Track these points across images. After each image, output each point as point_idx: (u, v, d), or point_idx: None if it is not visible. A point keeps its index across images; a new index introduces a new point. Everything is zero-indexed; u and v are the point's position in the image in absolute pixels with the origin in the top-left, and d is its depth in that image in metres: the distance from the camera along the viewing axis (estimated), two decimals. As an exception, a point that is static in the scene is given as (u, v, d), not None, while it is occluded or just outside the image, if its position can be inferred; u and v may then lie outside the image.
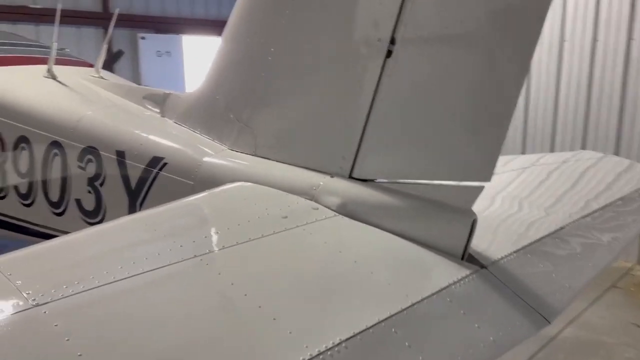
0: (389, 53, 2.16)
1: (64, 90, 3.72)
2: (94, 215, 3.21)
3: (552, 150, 9.14)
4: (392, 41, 2.15)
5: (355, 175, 2.34)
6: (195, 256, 1.73)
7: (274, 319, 1.53)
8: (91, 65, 4.85)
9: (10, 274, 1.51)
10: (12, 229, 3.80)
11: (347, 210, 2.25)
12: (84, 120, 3.26)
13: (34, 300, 1.41)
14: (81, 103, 3.49)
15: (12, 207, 3.73)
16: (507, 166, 3.88)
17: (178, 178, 2.78)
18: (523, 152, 9.39)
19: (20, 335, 1.31)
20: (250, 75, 2.70)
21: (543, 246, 2.52)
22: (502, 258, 2.24)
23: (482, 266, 2.10)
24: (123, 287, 1.55)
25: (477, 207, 2.09)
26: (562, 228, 2.76)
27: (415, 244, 2.12)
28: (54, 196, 3.41)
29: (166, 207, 2.12)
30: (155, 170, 2.87)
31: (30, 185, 3.55)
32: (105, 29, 13.02)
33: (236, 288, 1.63)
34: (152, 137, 3.01)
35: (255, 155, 2.69)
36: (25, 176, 3.57)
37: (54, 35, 4.01)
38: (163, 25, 13.95)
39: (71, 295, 1.46)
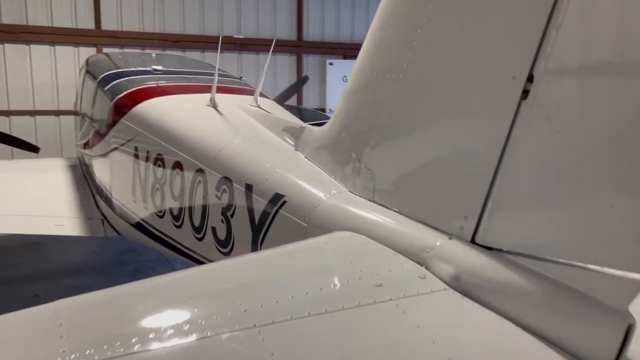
0: (525, 93, 1.70)
1: (217, 120, 3.87)
2: (225, 245, 3.22)
3: None
4: (530, 79, 1.69)
5: (478, 240, 1.90)
6: (254, 326, 1.51)
7: None
8: (265, 95, 5.04)
9: (61, 324, 1.47)
10: (166, 246, 4.07)
11: (461, 284, 1.82)
12: (225, 150, 3.32)
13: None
14: (227, 133, 3.58)
15: (167, 226, 3.98)
16: None
17: (294, 218, 2.62)
18: None
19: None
20: (372, 111, 2.43)
21: None
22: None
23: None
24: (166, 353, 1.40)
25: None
26: None
27: (544, 343, 1.61)
28: (196, 221, 3.53)
29: (252, 257, 1.95)
30: (275, 208, 2.76)
31: (181, 209, 3.74)
32: (299, 55, 13.87)
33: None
34: (278, 171, 2.91)
35: (373, 201, 2.40)
36: (177, 199, 3.78)
37: (216, 63, 4.23)
38: (351, 51, 14.34)
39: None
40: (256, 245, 2.90)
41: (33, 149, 8.93)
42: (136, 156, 4.44)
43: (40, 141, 10.75)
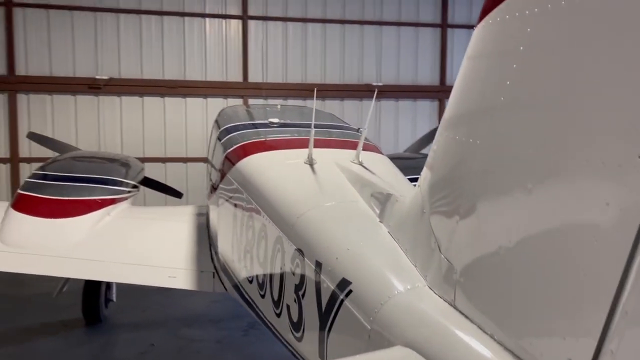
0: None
1: (307, 181, 3.50)
2: (297, 329, 2.78)
3: None
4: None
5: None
6: None
7: None
8: (376, 149, 4.62)
9: None
10: (255, 314, 3.74)
11: None
12: (303, 218, 2.92)
13: None
14: (311, 197, 3.18)
15: (254, 293, 3.67)
16: None
17: (357, 314, 2.10)
18: None
19: None
20: (455, 179, 1.85)
21: None
22: None
23: None
24: None
25: None
26: None
27: None
28: (275, 295, 3.15)
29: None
30: (341, 296, 2.26)
31: (264, 277, 3.41)
32: (441, 101, 13.24)
33: None
34: (350, 251, 2.42)
35: (454, 306, 1.79)
36: (262, 266, 3.46)
37: (312, 113, 3.92)
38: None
39: None
40: (324, 334, 2.42)
41: (176, 194, 9.47)
42: (235, 214, 4.26)
43: (190, 187, 11.48)
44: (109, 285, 7.51)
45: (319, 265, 2.53)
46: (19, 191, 5.95)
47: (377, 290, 2.07)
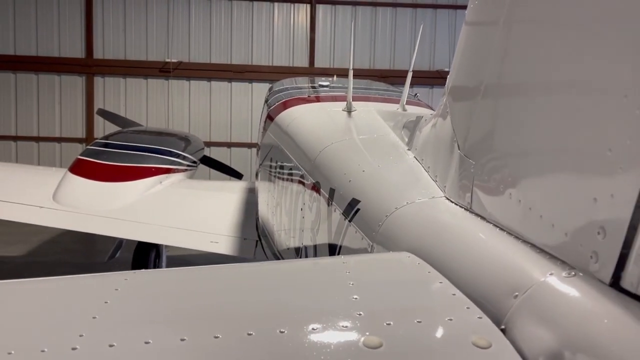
0: None
1: (338, 121, 3.18)
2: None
3: None
4: None
5: (625, 284, 0.83)
6: None
7: None
8: (427, 106, 4.25)
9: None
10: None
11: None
12: (325, 151, 2.61)
13: None
14: (337, 133, 2.87)
15: (282, 247, 3.41)
16: None
17: (361, 233, 1.77)
18: None
19: None
20: (478, 64, 1.47)
21: None
22: None
23: None
24: None
25: None
26: None
27: None
28: (296, 241, 2.87)
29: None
30: (347, 219, 1.94)
31: (289, 227, 3.14)
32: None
33: None
34: (366, 172, 2.09)
35: (470, 209, 1.42)
36: (287, 215, 3.19)
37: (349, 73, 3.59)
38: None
39: None
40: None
41: (237, 174, 9.46)
42: (270, 172, 4.03)
43: (254, 171, 11.47)
44: (158, 254, 7.55)
45: (332, 192, 2.22)
46: (78, 156, 6.10)
47: (384, 204, 1.74)
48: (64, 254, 8.71)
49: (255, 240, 5.32)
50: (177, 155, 6.85)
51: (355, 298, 1.01)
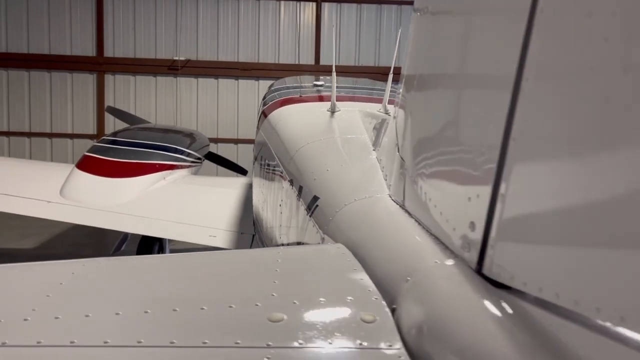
0: None
1: (319, 122, 3.35)
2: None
3: None
4: None
5: (485, 271, 0.99)
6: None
7: None
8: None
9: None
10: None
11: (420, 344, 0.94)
12: (300, 151, 2.78)
13: None
14: (314, 133, 3.03)
15: (268, 242, 3.59)
16: None
17: (314, 226, 1.94)
18: None
19: None
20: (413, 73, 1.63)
21: None
22: None
23: None
24: None
25: None
26: None
27: None
28: (276, 238, 3.05)
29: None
30: (308, 214, 2.11)
31: (271, 223, 3.32)
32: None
33: None
34: (330, 172, 2.26)
35: (403, 207, 1.59)
36: (272, 211, 3.37)
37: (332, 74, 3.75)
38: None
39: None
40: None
41: (241, 171, 9.65)
42: (261, 167, 4.21)
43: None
44: (162, 247, 7.77)
45: (300, 189, 2.39)
46: (85, 153, 6.34)
47: (337, 200, 1.90)
48: (74, 247, 9.01)
49: (252, 235, 5.50)
50: (182, 152, 7.06)
51: (275, 282, 1.18)
